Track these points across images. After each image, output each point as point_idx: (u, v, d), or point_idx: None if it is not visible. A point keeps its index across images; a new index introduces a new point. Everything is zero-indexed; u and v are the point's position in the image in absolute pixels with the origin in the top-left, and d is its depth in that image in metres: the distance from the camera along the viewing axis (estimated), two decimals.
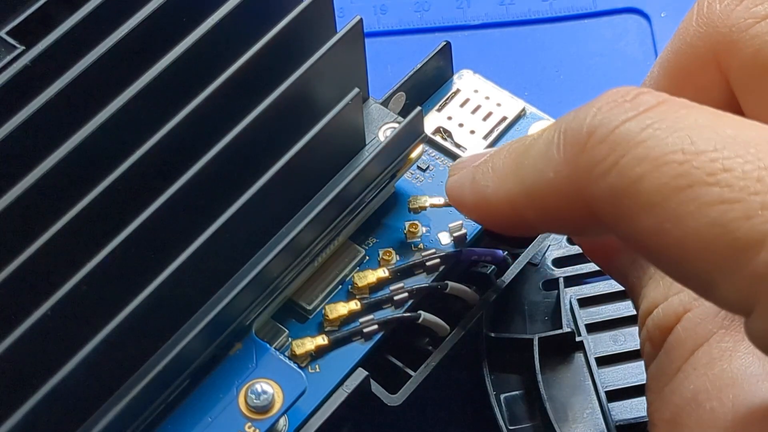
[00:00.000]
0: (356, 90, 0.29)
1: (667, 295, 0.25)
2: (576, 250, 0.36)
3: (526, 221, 0.26)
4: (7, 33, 0.27)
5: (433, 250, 0.31)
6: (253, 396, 0.27)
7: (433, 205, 0.32)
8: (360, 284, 0.30)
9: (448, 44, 0.35)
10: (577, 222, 0.24)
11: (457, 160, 0.30)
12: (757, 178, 0.20)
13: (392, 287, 0.31)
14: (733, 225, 0.20)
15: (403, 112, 0.32)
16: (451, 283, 0.31)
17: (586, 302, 0.35)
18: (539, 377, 0.33)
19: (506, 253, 0.32)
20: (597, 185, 0.22)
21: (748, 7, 0.26)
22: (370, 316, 0.30)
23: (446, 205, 0.32)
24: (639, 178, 0.21)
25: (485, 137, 0.34)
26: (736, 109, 0.26)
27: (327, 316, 0.30)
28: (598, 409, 0.33)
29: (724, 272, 0.20)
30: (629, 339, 0.35)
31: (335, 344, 0.30)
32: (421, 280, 0.31)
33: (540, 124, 0.34)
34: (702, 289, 0.21)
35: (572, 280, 0.36)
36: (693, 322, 0.24)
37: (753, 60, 0.25)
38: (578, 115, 0.23)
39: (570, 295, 0.35)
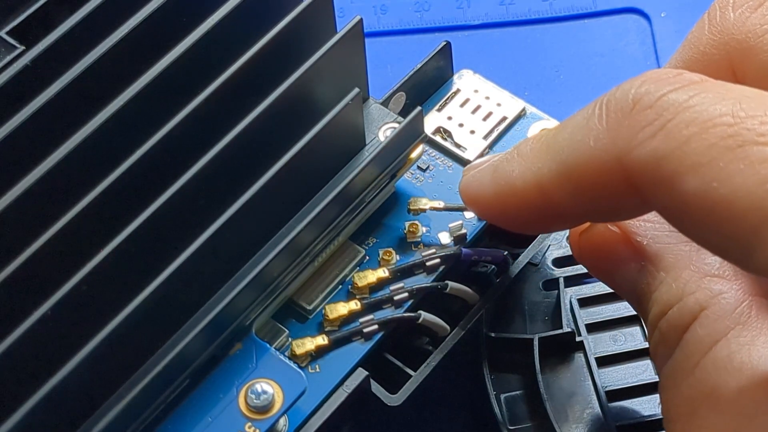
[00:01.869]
0: (356, 90, 0.29)
1: (681, 296, 0.25)
2: None
3: (553, 205, 0.25)
4: (7, 33, 0.27)
5: (433, 250, 0.31)
6: (253, 396, 0.27)
7: (433, 208, 0.32)
8: (360, 284, 0.30)
9: (448, 44, 0.35)
10: (613, 195, 0.24)
11: (470, 164, 0.29)
12: None
13: (392, 287, 0.31)
14: None
15: (403, 112, 0.32)
16: (451, 283, 0.31)
17: (586, 302, 0.35)
18: (539, 377, 0.33)
19: (506, 253, 0.32)
20: (641, 149, 0.22)
21: (764, 14, 0.26)
22: (370, 316, 0.30)
23: (446, 209, 0.32)
24: (687, 140, 0.21)
25: (485, 137, 0.34)
26: None
27: (327, 316, 0.30)
28: (598, 409, 0.33)
29: None
30: (629, 339, 0.35)
31: (335, 344, 0.30)
32: (421, 280, 0.31)
33: (540, 124, 0.35)
34: (741, 252, 0.21)
35: (572, 280, 0.36)
36: (710, 320, 0.24)
37: None
38: (622, 87, 0.23)
39: (570, 295, 0.35)
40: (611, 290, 0.35)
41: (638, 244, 0.27)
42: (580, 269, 0.36)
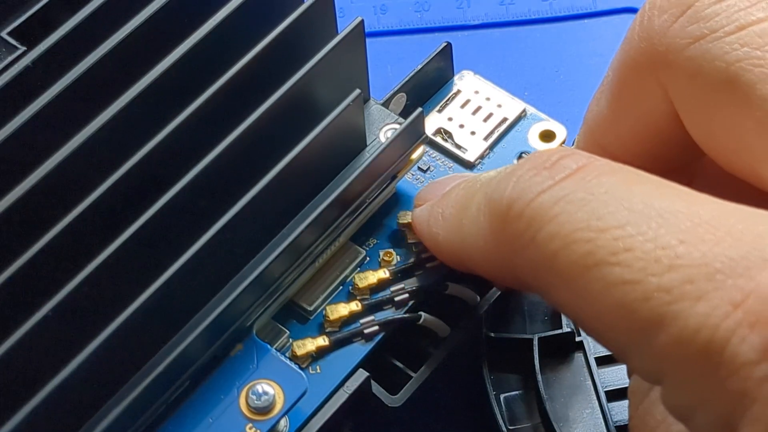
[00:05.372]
0: (357, 91, 0.29)
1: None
2: None
3: (473, 271, 0.27)
4: (8, 34, 0.27)
5: None
6: (254, 397, 0.27)
7: None
8: (361, 285, 0.30)
9: (448, 45, 0.34)
10: (513, 284, 0.25)
11: (422, 189, 0.31)
12: (655, 258, 0.20)
13: (393, 288, 0.31)
14: (634, 306, 0.20)
15: (404, 113, 0.32)
16: (451, 284, 0.31)
17: None
18: (539, 377, 0.33)
19: None
20: (519, 257, 0.23)
21: (684, 26, 0.24)
22: (371, 317, 0.30)
23: None
24: (553, 254, 0.22)
25: (486, 138, 0.34)
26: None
27: (328, 317, 0.30)
28: (598, 409, 0.33)
29: (632, 348, 0.20)
30: None
31: (336, 345, 0.30)
32: (422, 281, 0.31)
33: (540, 125, 0.34)
34: (620, 358, 0.22)
35: None
36: None
37: (689, 82, 0.24)
38: (500, 185, 0.24)
39: None
40: None
41: None
42: None
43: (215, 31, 0.27)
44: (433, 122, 0.34)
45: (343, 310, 0.30)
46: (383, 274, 0.31)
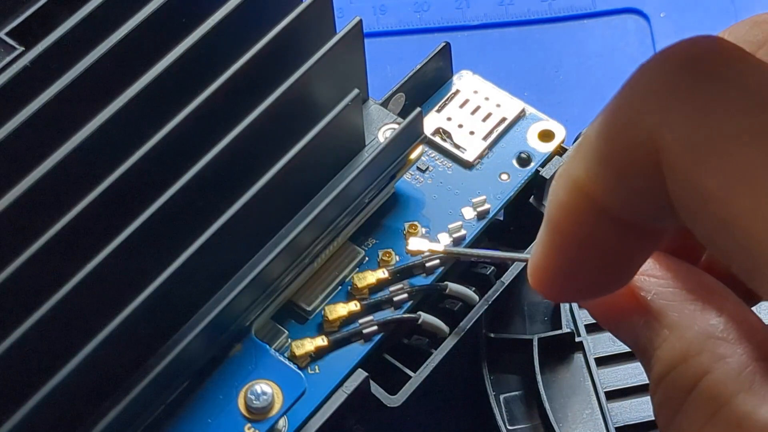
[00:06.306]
0: (356, 91, 0.29)
1: (685, 356, 0.25)
2: None
3: (594, 204, 0.21)
4: (7, 34, 0.27)
5: None
6: (253, 397, 0.27)
7: (432, 252, 0.31)
8: (359, 285, 0.30)
9: (447, 45, 0.34)
10: (640, 173, 0.21)
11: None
12: None
13: (392, 288, 0.31)
14: None
15: (403, 113, 0.32)
16: (451, 284, 0.31)
17: None
18: (539, 377, 0.33)
19: None
20: (677, 128, 0.20)
21: None
22: (370, 317, 0.30)
23: (446, 252, 0.31)
24: (727, 138, 0.19)
25: (485, 138, 0.34)
26: None
27: (327, 317, 0.30)
28: (598, 409, 0.33)
29: None
30: None
31: (335, 345, 0.30)
32: (421, 281, 0.31)
33: (540, 124, 0.34)
34: (751, 266, 0.20)
35: None
36: (713, 385, 0.24)
37: None
38: (669, 51, 0.20)
39: None
40: None
41: (642, 299, 0.26)
42: None
43: (214, 31, 0.27)
44: (431, 122, 0.34)
45: (341, 310, 0.30)
46: (382, 274, 0.31)
